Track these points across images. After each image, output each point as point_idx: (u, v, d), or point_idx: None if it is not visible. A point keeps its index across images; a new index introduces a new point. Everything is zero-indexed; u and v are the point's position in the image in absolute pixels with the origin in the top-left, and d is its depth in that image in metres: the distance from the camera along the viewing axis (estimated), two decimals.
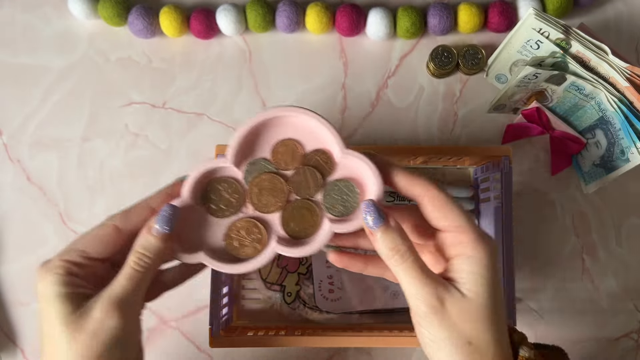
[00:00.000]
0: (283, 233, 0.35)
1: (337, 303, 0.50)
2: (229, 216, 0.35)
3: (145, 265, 0.32)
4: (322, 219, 0.35)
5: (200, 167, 0.35)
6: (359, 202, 0.34)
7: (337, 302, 0.50)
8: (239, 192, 0.36)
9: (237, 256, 0.35)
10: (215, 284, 0.44)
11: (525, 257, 0.52)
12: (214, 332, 0.43)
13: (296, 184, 0.35)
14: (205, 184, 0.36)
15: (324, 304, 0.50)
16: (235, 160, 0.35)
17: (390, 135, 0.53)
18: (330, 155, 0.36)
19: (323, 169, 0.36)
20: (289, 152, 0.36)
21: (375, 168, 0.33)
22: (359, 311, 0.50)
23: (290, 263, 0.51)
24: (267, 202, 0.36)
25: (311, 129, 0.36)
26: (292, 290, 0.51)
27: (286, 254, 0.34)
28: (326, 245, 0.34)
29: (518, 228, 0.52)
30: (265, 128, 0.36)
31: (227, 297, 0.47)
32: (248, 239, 0.35)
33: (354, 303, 0.50)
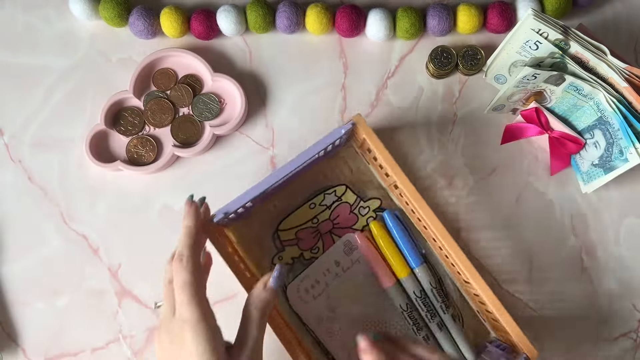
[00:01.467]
0: (175, 142, 0.52)
1: (307, 306, 0.49)
2: (135, 134, 0.52)
3: (265, 321, 0.40)
4: (204, 126, 0.52)
5: (111, 99, 0.52)
6: (221, 108, 0.52)
7: (307, 305, 0.49)
8: (140, 116, 0.52)
9: (142, 162, 0.51)
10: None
11: (524, 257, 0.52)
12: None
13: (175, 98, 0.53)
14: (115, 112, 0.53)
15: (294, 296, 0.49)
16: (135, 92, 0.52)
17: (390, 136, 0.53)
18: (200, 77, 0.53)
19: (194, 87, 0.53)
20: (164, 77, 0.53)
21: (238, 84, 0.51)
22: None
23: (306, 241, 0.50)
24: (161, 119, 0.52)
25: (187, 62, 0.53)
26: (288, 258, 0.50)
27: (181, 154, 0.51)
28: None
29: (518, 228, 0.52)
30: (154, 67, 0.53)
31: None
32: (144, 150, 0.51)
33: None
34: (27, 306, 0.51)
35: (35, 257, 0.51)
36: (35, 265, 0.51)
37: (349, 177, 0.52)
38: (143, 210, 0.52)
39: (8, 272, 0.51)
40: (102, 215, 0.52)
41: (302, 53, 0.55)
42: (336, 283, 0.49)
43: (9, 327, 0.51)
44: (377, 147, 0.46)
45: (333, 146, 0.48)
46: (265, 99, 0.54)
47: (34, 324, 0.51)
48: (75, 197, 0.52)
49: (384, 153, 0.46)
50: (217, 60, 0.54)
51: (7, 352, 0.50)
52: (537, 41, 0.46)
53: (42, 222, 0.52)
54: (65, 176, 0.53)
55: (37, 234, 0.52)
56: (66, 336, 0.50)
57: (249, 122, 0.53)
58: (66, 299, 0.51)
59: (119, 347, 0.50)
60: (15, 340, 0.50)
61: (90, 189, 0.52)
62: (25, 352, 0.50)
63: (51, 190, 0.52)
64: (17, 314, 0.51)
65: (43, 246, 0.52)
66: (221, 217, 0.43)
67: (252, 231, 0.50)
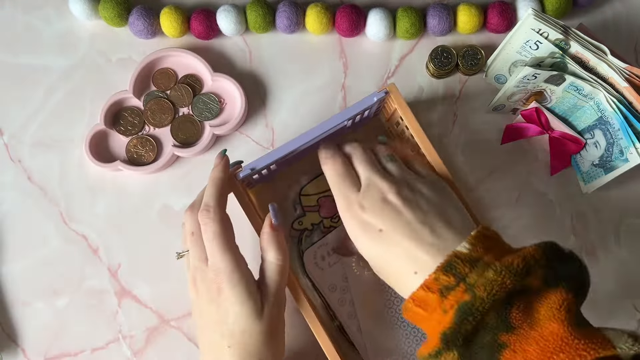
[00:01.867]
0: (175, 141, 0.52)
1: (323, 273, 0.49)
2: (135, 134, 0.52)
3: (285, 257, 0.41)
4: (204, 126, 0.52)
5: (110, 99, 0.52)
6: (221, 108, 0.52)
7: (323, 272, 0.49)
8: (139, 115, 0.52)
9: (142, 162, 0.51)
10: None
11: None
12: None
13: (175, 98, 0.53)
14: (115, 112, 0.53)
15: (310, 262, 0.49)
16: (135, 92, 0.52)
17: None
18: (200, 77, 0.53)
19: (194, 87, 0.53)
20: (164, 77, 0.53)
21: (238, 84, 0.51)
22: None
23: (327, 208, 0.50)
24: (160, 118, 0.52)
25: (187, 62, 0.53)
26: (308, 224, 0.50)
27: (181, 154, 0.51)
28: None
29: (518, 229, 0.52)
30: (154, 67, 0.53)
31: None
32: (143, 149, 0.51)
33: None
34: (27, 306, 0.51)
35: (35, 257, 0.51)
36: (35, 265, 0.51)
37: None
38: (143, 210, 0.52)
39: (8, 272, 0.51)
40: (101, 215, 0.52)
41: (302, 53, 0.55)
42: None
43: (9, 327, 0.51)
44: (410, 120, 0.45)
45: (361, 118, 0.47)
46: (265, 99, 0.54)
47: (33, 324, 0.51)
48: (75, 197, 0.52)
49: (415, 126, 0.45)
50: (217, 60, 0.54)
51: (6, 352, 0.50)
52: (537, 41, 0.46)
53: (41, 222, 0.52)
54: (65, 176, 0.53)
55: (37, 234, 0.52)
56: (66, 336, 0.50)
57: (248, 122, 0.53)
58: (66, 299, 0.51)
59: (118, 347, 0.50)
60: (15, 340, 0.50)
61: (90, 189, 0.52)
62: (25, 352, 0.50)
63: (51, 190, 0.52)
64: (17, 314, 0.51)
65: (43, 246, 0.52)
66: (248, 173, 0.43)
67: (274, 196, 0.51)
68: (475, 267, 0.34)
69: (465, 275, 0.34)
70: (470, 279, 0.33)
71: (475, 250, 0.35)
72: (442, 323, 0.33)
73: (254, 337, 0.39)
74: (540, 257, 0.34)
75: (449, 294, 0.33)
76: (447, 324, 0.33)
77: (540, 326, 0.32)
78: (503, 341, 0.32)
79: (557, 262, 0.34)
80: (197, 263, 0.40)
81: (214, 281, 0.39)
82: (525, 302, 0.33)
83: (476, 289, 0.33)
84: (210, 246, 0.39)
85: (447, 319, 0.33)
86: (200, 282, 0.40)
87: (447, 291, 0.34)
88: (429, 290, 0.34)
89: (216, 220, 0.40)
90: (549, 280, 0.34)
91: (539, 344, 0.31)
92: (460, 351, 0.33)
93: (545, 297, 0.33)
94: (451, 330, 0.33)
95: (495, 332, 0.33)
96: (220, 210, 0.40)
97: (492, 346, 0.32)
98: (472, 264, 0.34)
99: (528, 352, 0.32)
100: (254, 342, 0.39)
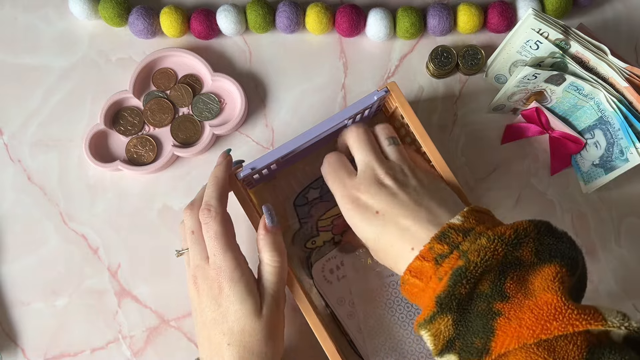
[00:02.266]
0: (175, 141, 0.52)
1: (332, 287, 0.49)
2: (135, 134, 0.52)
3: (281, 258, 0.41)
4: (204, 126, 0.52)
5: (110, 98, 0.52)
6: (221, 107, 0.52)
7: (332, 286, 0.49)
8: (139, 115, 0.52)
9: (142, 162, 0.51)
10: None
11: None
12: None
13: (175, 97, 0.52)
14: (115, 112, 0.52)
15: (319, 275, 0.49)
16: (135, 92, 0.52)
17: None
18: (199, 77, 0.53)
19: (194, 87, 0.53)
20: (164, 77, 0.53)
21: (238, 84, 0.51)
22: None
23: (339, 226, 0.50)
24: (160, 118, 0.52)
25: (187, 62, 0.53)
26: (320, 242, 0.50)
27: (181, 154, 0.51)
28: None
29: None
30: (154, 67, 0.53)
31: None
32: (143, 149, 0.51)
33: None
34: (27, 306, 0.51)
35: (35, 257, 0.51)
36: (35, 265, 0.51)
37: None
38: (143, 210, 0.52)
39: (7, 272, 0.51)
40: (101, 215, 0.52)
41: (302, 53, 0.54)
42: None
43: (9, 327, 0.50)
44: (410, 118, 0.45)
45: (362, 116, 0.47)
46: (265, 99, 0.54)
47: (33, 324, 0.51)
48: (75, 197, 0.52)
49: (416, 123, 0.45)
50: (217, 60, 0.54)
51: (6, 352, 0.50)
52: (537, 41, 0.46)
53: (41, 222, 0.52)
54: (65, 176, 0.53)
55: (37, 233, 0.52)
56: (66, 336, 0.50)
57: (248, 121, 0.53)
58: (66, 299, 0.51)
59: (118, 348, 0.50)
60: (15, 341, 0.50)
61: (90, 188, 0.52)
62: (24, 352, 0.50)
63: (51, 190, 0.52)
64: (17, 314, 0.51)
65: (42, 246, 0.52)
66: (248, 173, 0.43)
67: (274, 195, 0.51)
68: (468, 235, 0.35)
69: (459, 243, 0.35)
70: (463, 246, 0.35)
71: (468, 222, 0.36)
72: (438, 289, 0.34)
73: (253, 336, 0.39)
74: (531, 230, 0.35)
75: (443, 261, 0.35)
76: (441, 288, 0.34)
77: (535, 296, 0.33)
78: (498, 309, 0.33)
79: (550, 237, 0.36)
80: (198, 261, 0.41)
81: (215, 280, 0.40)
82: (520, 274, 0.34)
83: (469, 255, 0.34)
84: (212, 245, 0.40)
85: (441, 284, 0.34)
86: (201, 281, 0.40)
87: (441, 259, 0.35)
88: (424, 260, 0.36)
89: (217, 220, 0.40)
90: (541, 254, 0.35)
91: (533, 312, 0.32)
92: (455, 317, 0.34)
93: (539, 270, 0.34)
94: (445, 293, 0.34)
95: (490, 301, 0.34)
96: (221, 210, 0.41)
97: (486, 314, 0.33)
98: (465, 233, 0.35)
99: (522, 320, 0.32)
100: (253, 340, 0.39)
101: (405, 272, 0.37)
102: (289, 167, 0.51)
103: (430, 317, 0.35)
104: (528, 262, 0.35)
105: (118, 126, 0.52)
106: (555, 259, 0.35)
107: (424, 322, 0.35)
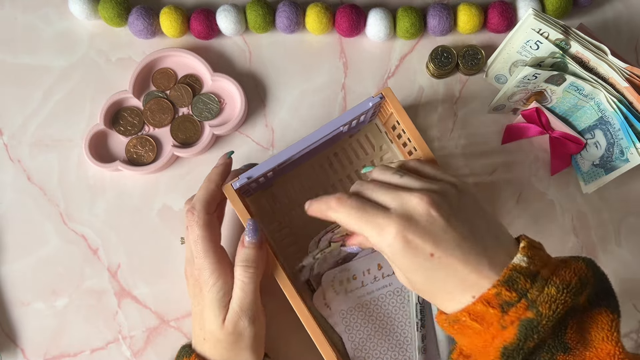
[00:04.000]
0: (175, 142, 0.51)
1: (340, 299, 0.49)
2: (135, 134, 0.52)
3: (251, 274, 0.41)
4: (204, 126, 0.51)
5: (110, 99, 0.51)
6: (220, 107, 0.52)
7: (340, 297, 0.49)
8: (139, 115, 0.52)
9: (141, 162, 0.51)
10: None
11: None
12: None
13: (175, 97, 0.52)
14: (114, 112, 0.52)
15: (327, 284, 0.48)
16: (135, 92, 0.52)
17: None
18: (199, 77, 0.53)
19: (194, 87, 0.53)
20: (164, 77, 0.53)
21: (238, 84, 0.51)
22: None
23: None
24: (160, 118, 0.52)
25: (187, 62, 0.53)
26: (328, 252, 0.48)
27: (180, 154, 0.51)
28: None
29: (518, 228, 0.52)
30: (154, 67, 0.53)
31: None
32: (143, 150, 0.51)
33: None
34: (26, 306, 0.51)
35: (34, 257, 0.51)
36: (35, 265, 0.51)
37: (371, 155, 0.52)
38: (143, 211, 0.52)
39: (7, 272, 0.51)
40: (101, 216, 0.52)
41: (302, 53, 0.54)
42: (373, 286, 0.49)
43: (8, 328, 0.50)
44: (406, 124, 0.45)
45: (358, 122, 0.47)
46: (265, 99, 0.54)
47: (33, 324, 0.50)
48: (75, 197, 0.52)
49: (412, 130, 0.45)
50: (216, 60, 0.54)
51: (6, 352, 0.50)
52: (537, 41, 0.46)
53: (41, 222, 0.52)
54: (65, 176, 0.53)
55: (36, 234, 0.52)
56: (65, 337, 0.50)
57: (248, 122, 0.53)
58: (65, 300, 0.51)
59: (118, 348, 0.50)
60: (15, 341, 0.50)
61: (90, 189, 0.52)
62: (24, 352, 0.50)
63: (50, 190, 0.52)
64: (16, 314, 0.51)
65: (42, 246, 0.52)
66: (245, 182, 0.43)
67: (271, 203, 0.51)
68: (535, 282, 0.33)
69: (527, 290, 0.33)
70: (531, 295, 0.32)
71: (534, 264, 0.34)
72: (501, 338, 0.33)
73: (221, 340, 0.41)
74: (590, 276, 0.34)
75: (510, 309, 0.33)
76: (508, 340, 0.32)
77: (595, 347, 0.33)
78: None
79: (600, 281, 0.35)
80: (189, 256, 0.43)
81: (196, 279, 0.42)
82: (577, 323, 0.33)
83: (540, 307, 0.32)
84: (194, 248, 0.42)
85: (507, 335, 0.32)
86: (189, 275, 0.43)
87: (507, 307, 0.33)
88: (489, 306, 0.33)
89: (200, 224, 0.41)
90: (591, 299, 0.34)
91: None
92: None
93: (592, 317, 0.33)
94: (513, 346, 0.32)
95: (553, 352, 0.33)
96: (204, 213, 0.42)
97: None
98: (532, 279, 0.33)
99: None
100: (221, 343, 0.41)
101: (462, 314, 0.34)
102: (285, 174, 0.51)
103: None
104: (581, 308, 0.34)
105: (118, 126, 0.52)
106: (603, 302, 0.34)
107: None
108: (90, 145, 0.51)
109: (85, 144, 0.51)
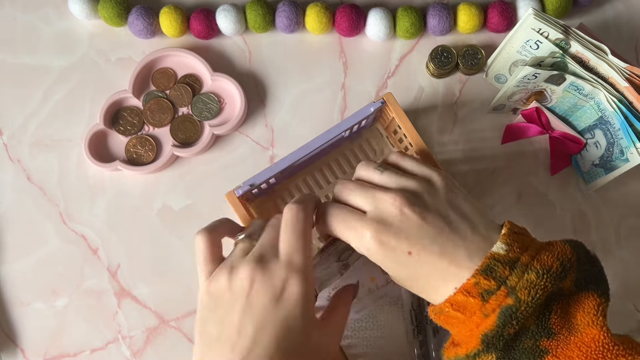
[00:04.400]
0: (174, 141, 0.52)
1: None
2: (134, 134, 0.52)
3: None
4: (203, 126, 0.52)
5: (110, 98, 0.52)
6: (220, 107, 0.52)
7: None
8: (139, 115, 0.52)
9: (141, 162, 0.51)
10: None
11: None
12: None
13: (174, 97, 0.52)
14: (114, 112, 0.52)
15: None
16: (135, 92, 0.52)
17: None
18: (199, 77, 0.53)
19: (193, 87, 0.53)
20: (164, 77, 0.53)
21: (238, 84, 0.51)
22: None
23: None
24: (160, 118, 0.52)
25: (187, 62, 0.53)
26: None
27: (180, 154, 0.51)
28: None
29: None
30: (154, 67, 0.53)
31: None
32: (143, 149, 0.51)
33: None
34: (26, 306, 0.51)
35: (34, 257, 0.51)
36: (34, 265, 0.51)
37: (373, 159, 0.51)
38: (142, 210, 0.52)
39: (7, 272, 0.51)
40: (101, 215, 0.52)
41: (302, 53, 0.54)
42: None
43: (8, 328, 0.50)
44: (407, 128, 0.45)
45: (359, 127, 0.47)
46: (265, 99, 0.54)
47: (32, 324, 0.50)
48: (75, 197, 0.52)
49: (413, 134, 0.45)
50: (216, 60, 0.54)
51: (6, 352, 0.50)
52: (537, 41, 0.45)
53: (41, 222, 0.52)
54: (65, 176, 0.53)
55: (36, 234, 0.52)
56: (65, 337, 0.50)
57: (248, 121, 0.53)
58: (65, 300, 0.51)
59: (118, 348, 0.50)
60: (14, 341, 0.50)
61: (90, 188, 0.52)
62: (24, 352, 0.50)
63: (50, 190, 0.52)
64: (16, 314, 0.51)
65: (42, 246, 0.52)
66: (247, 189, 0.43)
67: (274, 208, 0.50)
68: (515, 269, 0.33)
69: (506, 278, 0.33)
70: (510, 281, 0.33)
71: (512, 251, 0.34)
72: (483, 325, 0.33)
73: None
74: (574, 260, 0.34)
75: (490, 297, 0.33)
76: (489, 327, 0.32)
77: (580, 332, 0.32)
78: (545, 347, 0.32)
79: (586, 264, 0.34)
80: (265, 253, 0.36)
81: (280, 277, 0.35)
82: (562, 307, 0.33)
83: (519, 293, 0.32)
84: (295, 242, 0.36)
85: (488, 322, 0.33)
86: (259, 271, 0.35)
87: (488, 295, 0.33)
88: (469, 295, 0.33)
89: (307, 221, 0.37)
90: (579, 283, 0.34)
91: (581, 349, 0.32)
92: (499, 355, 0.33)
93: (578, 301, 0.33)
94: (493, 333, 0.32)
95: (537, 338, 0.32)
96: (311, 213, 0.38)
97: (533, 352, 0.32)
98: (512, 266, 0.33)
99: (570, 358, 0.32)
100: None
101: (445, 305, 0.34)
102: (288, 179, 0.50)
103: (474, 354, 0.33)
104: (567, 292, 0.34)
105: (117, 126, 0.52)
106: (591, 285, 0.34)
107: (466, 358, 0.34)
108: (90, 145, 0.51)
109: (85, 143, 0.51)
